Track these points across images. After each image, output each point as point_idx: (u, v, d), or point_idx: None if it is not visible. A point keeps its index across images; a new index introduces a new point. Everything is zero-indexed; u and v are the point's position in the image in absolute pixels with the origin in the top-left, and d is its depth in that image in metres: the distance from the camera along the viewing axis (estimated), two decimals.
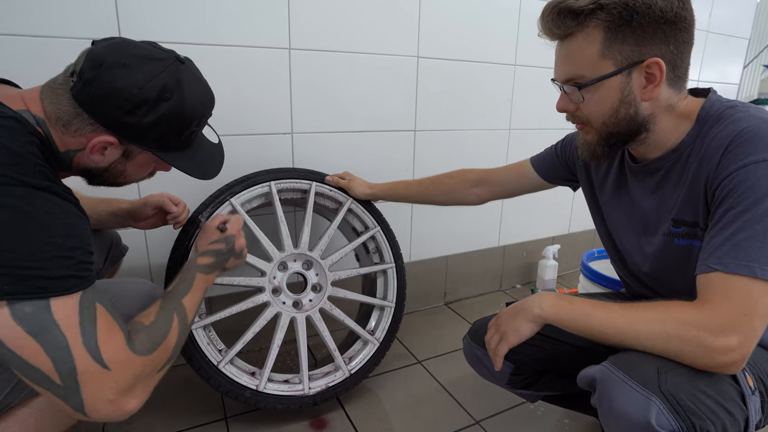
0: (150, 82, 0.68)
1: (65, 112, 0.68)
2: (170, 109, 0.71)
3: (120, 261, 1.22)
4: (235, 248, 0.97)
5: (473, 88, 1.78)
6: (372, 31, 1.52)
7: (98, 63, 0.67)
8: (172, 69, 0.71)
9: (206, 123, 0.82)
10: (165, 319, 0.75)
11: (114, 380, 0.62)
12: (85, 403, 0.60)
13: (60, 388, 0.59)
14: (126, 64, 0.67)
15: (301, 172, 1.33)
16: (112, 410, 0.62)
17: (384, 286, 1.43)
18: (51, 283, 0.58)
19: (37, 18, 1.11)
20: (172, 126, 0.73)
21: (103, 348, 0.61)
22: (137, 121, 0.69)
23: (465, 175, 1.27)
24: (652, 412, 0.63)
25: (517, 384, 1.05)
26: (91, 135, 0.69)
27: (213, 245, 0.93)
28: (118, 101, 0.67)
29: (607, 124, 0.78)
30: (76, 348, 0.59)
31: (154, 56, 0.70)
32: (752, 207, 0.64)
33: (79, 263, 0.61)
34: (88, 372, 0.60)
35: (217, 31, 1.31)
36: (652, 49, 0.71)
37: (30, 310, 0.57)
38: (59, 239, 0.60)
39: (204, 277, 0.88)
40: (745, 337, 0.62)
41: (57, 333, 0.58)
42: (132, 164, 0.77)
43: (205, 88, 0.79)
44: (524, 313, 0.79)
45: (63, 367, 0.58)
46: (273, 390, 1.20)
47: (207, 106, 0.79)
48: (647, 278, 0.92)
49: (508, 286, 2.19)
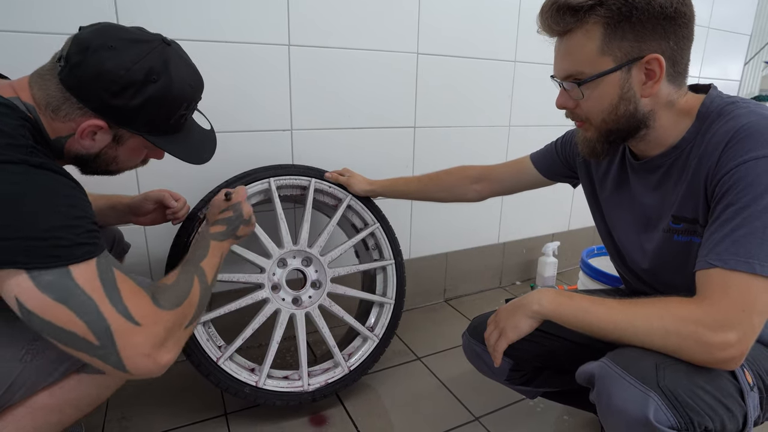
0: (137, 64, 0.68)
1: (54, 98, 0.68)
2: (158, 91, 0.71)
3: (123, 258, 1.22)
4: (243, 214, 1.00)
5: (473, 85, 1.78)
6: (372, 28, 1.52)
7: (85, 47, 0.67)
8: (159, 51, 0.71)
9: (196, 107, 0.82)
10: (186, 278, 0.77)
11: (146, 335, 0.64)
12: (124, 360, 0.62)
13: (98, 349, 0.61)
14: (112, 47, 0.67)
15: (300, 169, 1.33)
16: (149, 364, 0.65)
17: (383, 283, 1.43)
18: (64, 251, 0.59)
19: (36, 15, 1.11)
20: (160, 108, 0.73)
21: (131, 306, 0.63)
22: (125, 103, 0.69)
23: (464, 172, 1.27)
24: (650, 408, 0.63)
25: (516, 380, 1.06)
26: (81, 119, 0.70)
27: (222, 214, 0.98)
28: (104, 83, 0.67)
29: (606, 121, 0.77)
30: (105, 308, 0.61)
31: (140, 39, 0.71)
32: (752, 203, 0.64)
33: (88, 231, 0.63)
34: (121, 329, 0.62)
35: (217, 27, 1.30)
36: (652, 45, 0.71)
37: (52, 278, 0.58)
38: (63, 209, 0.61)
39: (218, 244, 0.91)
40: (744, 333, 0.62)
41: (84, 297, 0.60)
42: (123, 149, 0.77)
43: (192, 70, 0.79)
44: (523, 309, 0.79)
45: (98, 328, 0.60)
46: (272, 386, 1.20)
47: (196, 88, 0.79)
48: (646, 275, 0.92)
49: (507, 283, 2.19)
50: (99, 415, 1.23)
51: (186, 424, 1.22)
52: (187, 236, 1.15)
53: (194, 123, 0.86)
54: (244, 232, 1.02)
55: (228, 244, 0.95)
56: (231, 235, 0.97)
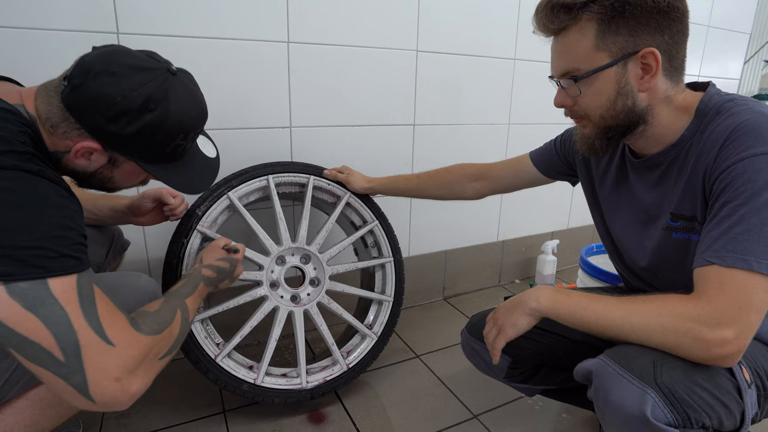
0: (135, 92, 0.68)
1: (54, 114, 0.68)
2: (154, 120, 0.70)
3: (122, 255, 1.22)
4: (234, 271, 1.04)
5: (472, 82, 1.78)
6: (371, 25, 1.52)
7: (87, 69, 0.67)
8: (160, 80, 0.70)
9: (196, 137, 0.81)
10: (169, 308, 0.76)
11: (119, 356, 0.60)
12: (89, 382, 0.58)
13: (62, 366, 0.57)
14: (113, 73, 0.67)
15: (299, 166, 1.33)
16: (116, 390, 0.59)
17: (382, 281, 1.43)
18: (48, 262, 0.57)
19: (34, 10, 1.10)
20: (156, 137, 0.72)
21: (106, 324, 0.60)
22: (120, 129, 0.69)
23: (463, 170, 1.27)
24: (647, 405, 0.63)
25: (514, 377, 1.06)
26: (77, 139, 0.69)
27: (219, 262, 1.00)
28: (101, 108, 0.67)
29: (604, 117, 0.77)
30: (77, 321, 0.57)
31: (144, 66, 0.70)
32: (749, 200, 0.64)
33: (75, 244, 0.61)
34: (92, 346, 0.58)
35: (216, 24, 1.30)
36: (647, 39, 0.71)
37: (26, 286, 0.55)
38: (54, 219, 0.59)
39: (204, 287, 0.94)
40: (741, 330, 0.62)
41: (57, 307, 0.57)
42: (118, 171, 0.77)
43: (196, 101, 0.77)
44: (522, 306, 0.79)
45: (65, 341, 0.56)
46: (271, 384, 1.21)
47: (196, 119, 0.78)
48: (645, 273, 0.92)
49: (507, 281, 2.19)
50: (97, 413, 1.23)
51: (184, 422, 1.22)
52: (185, 235, 1.15)
53: (197, 150, 0.85)
54: (224, 286, 1.04)
55: (208, 291, 0.97)
56: (214, 283, 0.99)
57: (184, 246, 1.15)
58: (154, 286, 0.96)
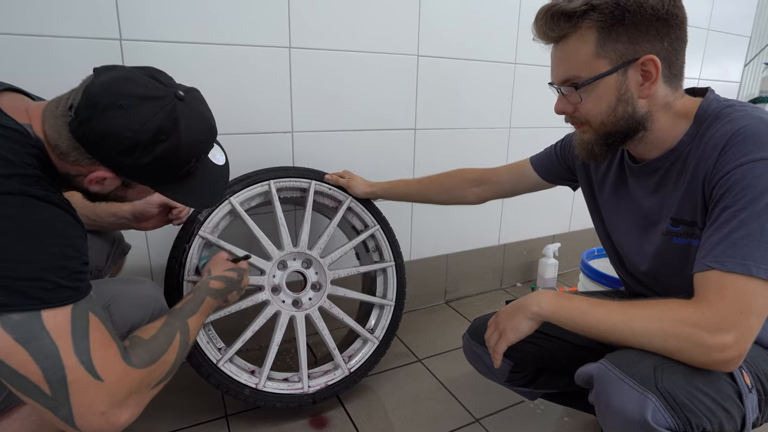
0: (145, 125, 0.66)
1: (63, 144, 0.67)
2: (166, 150, 0.69)
3: (123, 259, 1.22)
4: (242, 281, 1.04)
5: (473, 87, 1.79)
6: (372, 30, 1.53)
7: (94, 103, 0.65)
8: (169, 109, 0.68)
9: (207, 154, 0.80)
10: (167, 334, 0.76)
11: (107, 392, 0.60)
12: (75, 415, 0.59)
13: (49, 399, 0.58)
14: (121, 106, 0.65)
15: (300, 171, 1.33)
16: (102, 423, 0.60)
17: (384, 285, 1.43)
18: (46, 294, 0.57)
19: (37, 17, 1.11)
20: (168, 165, 0.72)
21: (96, 358, 0.60)
22: (133, 162, 0.68)
23: (464, 175, 1.27)
24: (648, 409, 0.63)
25: (516, 381, 1.06)
26: (89, 167, 0.69)
27: (227, 272, 1.01)
28: (112, 143, 0.66)
29: (605, 124, 0.78)
30: (67, 357, 0.58)
31: (151, 95, 0.68)
32: (749, 205, 0.64)
33: (75, 273, 0.61)
34: (80, 382, 0.58)
35: (218, 30, 1.31)
36: (646, 46, 0.72)
37: (19, 318, 0.56)
38: (56, 249, 0.59)
39: (211, 301, 0.93)
40: (741, 335, 0.63)
41: (48, 342, 0.57)
42: (132, 191, 0.78)
43: (205, 123, 0.76)
44: (523, 310, 0.80)
45: (53, 377, 0.57)
46: (273, 388, 1.21)
47: (206, 142, 0.77)
48: (645, 278, 0.92)
49: (508, 285, 2.19)
50: None
51: (186, 426, 1.22)
52: (187, 240, 1.16)
53: (207, 162, 0.83)
54: (232, 299, 1.04)
55: (217, 304, 0.96)
56: (223, 295, 0.98)
57: (186, 251, 1.15)
58: (158, 292, 0.97)
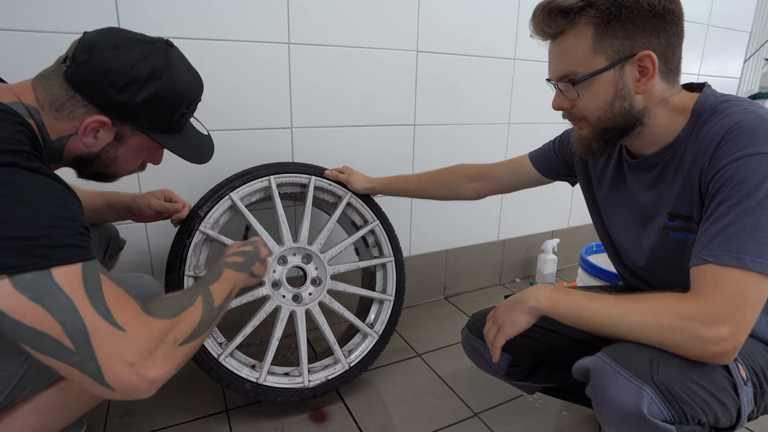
0: (141, 62, 0.71)
1: (58, 96, 0.70)
2: (161, 88, 0.74)
3: (118, 255, 1.23)
4: (260, 253, 1.00)
5: (473, 82, 1.79)
6: (371, 26, 1.53)
7: (91, 46, 0.70)
8: (162, 51, 0.75)
9: (195, 107, 0.85)
10: (187, 295, 0.72)
11: (131, 341, 0.58)
12: (103, 368, 0.56)
13: (74, 354, 0.55)
14: (118, 46, 0.71)
15: (300, 167, 1.34)
16: (132, 375, 0.57)
17: (383, 280, 1.44)
18: (52, 251, 0.56)
19: (36, 13, 1.11)
20: (163, 104, 0.75)
21: (114, 309, 0.58)
22: (129, 98, 0.71)
23: (463, 170, 1.27)
24: (644, 402, 0.64)
25: (514, 375, 1.06)
26: (84, 117, 0.71)
27: (242, 248, 0.97)
28: (110, 79, 0.69)
29: (602, 119, 0.78)
30: (83, 308, 0.56)
31: (144, 40, 0.74)
32: (744, 200, 0.65)
33: (77, 234, 0.60)
34: (101, 332, 0.56)
35: (218, 25, 1.31)
36: (643, 42, 0.72)
37: (31, 278, 0.55)
38: (54, 210, 0.59)
39: (233, 273, 0.87)
40: (737, 328, 0.63)
41: (62, 296, 0.56)
42: (124, 149, 0.78)
43: (193, 71, 0.82)
44: (521, 305, 0.80)
45: (73, 330, 0.55)
46: (273, 383, 1.22)
47: (196, 88, 0.82)
48: (643, 272, 0.92)
49: (507, 280, 2.20)
50: (101, 411, 1.24)
51: (187, 420, 1.23)
52: (188, 235, 1.16)
53: (193, 127, 0.88)
54: (259, 271, 0.99)
55: (242, 277, 0.90)
56: (247, 268, 0.93)
57: (186, 246, 1.16)
58: (158, 287, 0.97)
